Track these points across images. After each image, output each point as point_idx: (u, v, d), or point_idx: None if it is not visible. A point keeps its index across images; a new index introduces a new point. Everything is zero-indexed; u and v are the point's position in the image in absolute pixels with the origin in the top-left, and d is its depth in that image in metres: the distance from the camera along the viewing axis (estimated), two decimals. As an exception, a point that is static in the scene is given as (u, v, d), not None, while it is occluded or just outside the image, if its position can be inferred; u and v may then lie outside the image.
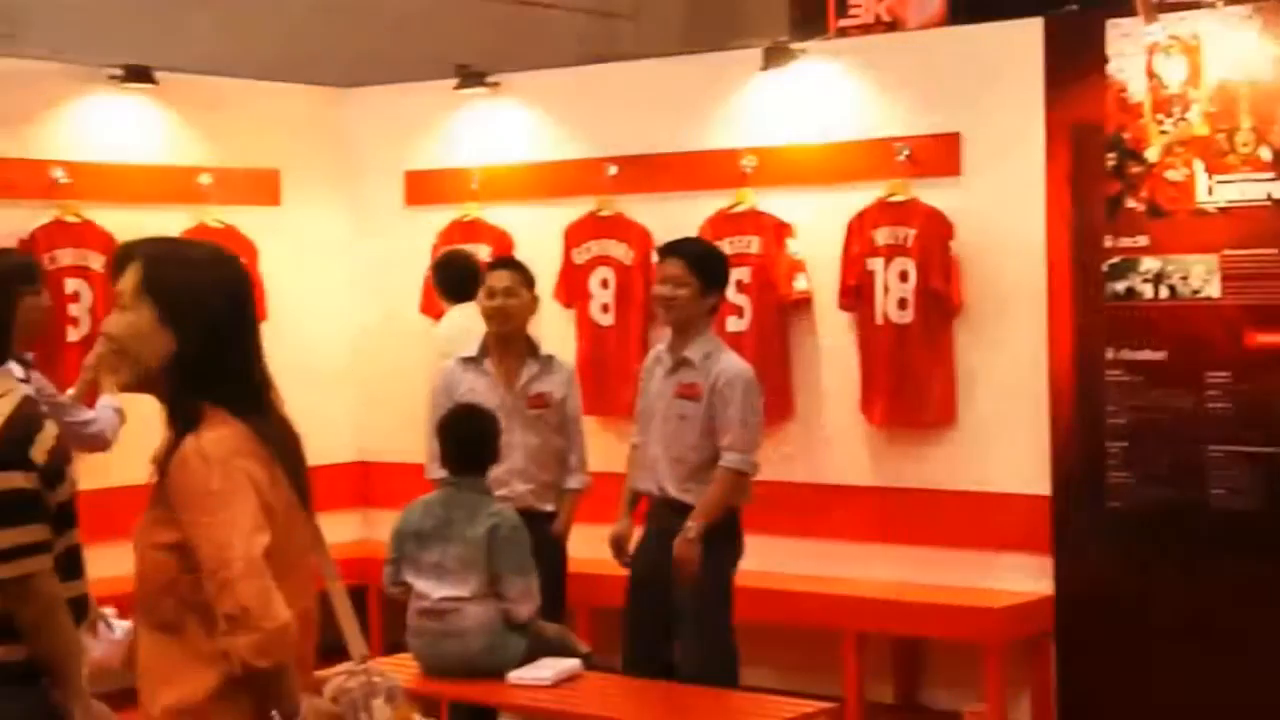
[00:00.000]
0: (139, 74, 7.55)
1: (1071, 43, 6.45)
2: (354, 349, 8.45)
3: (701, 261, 5.57)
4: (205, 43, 8.50)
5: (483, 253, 7.64)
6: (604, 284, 7.63)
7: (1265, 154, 5.99)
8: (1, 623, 3.19)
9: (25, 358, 5.13)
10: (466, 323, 6.39)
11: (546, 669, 5.09)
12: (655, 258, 6.31)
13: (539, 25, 9.89)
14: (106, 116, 7.57)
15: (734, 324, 7.16)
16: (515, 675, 5.08)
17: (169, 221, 7.56)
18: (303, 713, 2.87)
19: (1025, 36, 6.55)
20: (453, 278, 7.04)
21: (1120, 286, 6.32)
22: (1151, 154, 6.23)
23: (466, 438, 5.36)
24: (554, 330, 7.33)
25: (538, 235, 7.78)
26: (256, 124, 8.12)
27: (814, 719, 4.90)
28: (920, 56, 6.96)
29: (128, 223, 7.34)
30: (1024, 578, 6.60)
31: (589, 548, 6.00)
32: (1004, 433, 6.71)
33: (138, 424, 4.59)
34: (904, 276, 6.83)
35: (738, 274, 7.17)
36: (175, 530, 2.81)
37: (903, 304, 6.84)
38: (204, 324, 2.84)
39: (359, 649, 3.16)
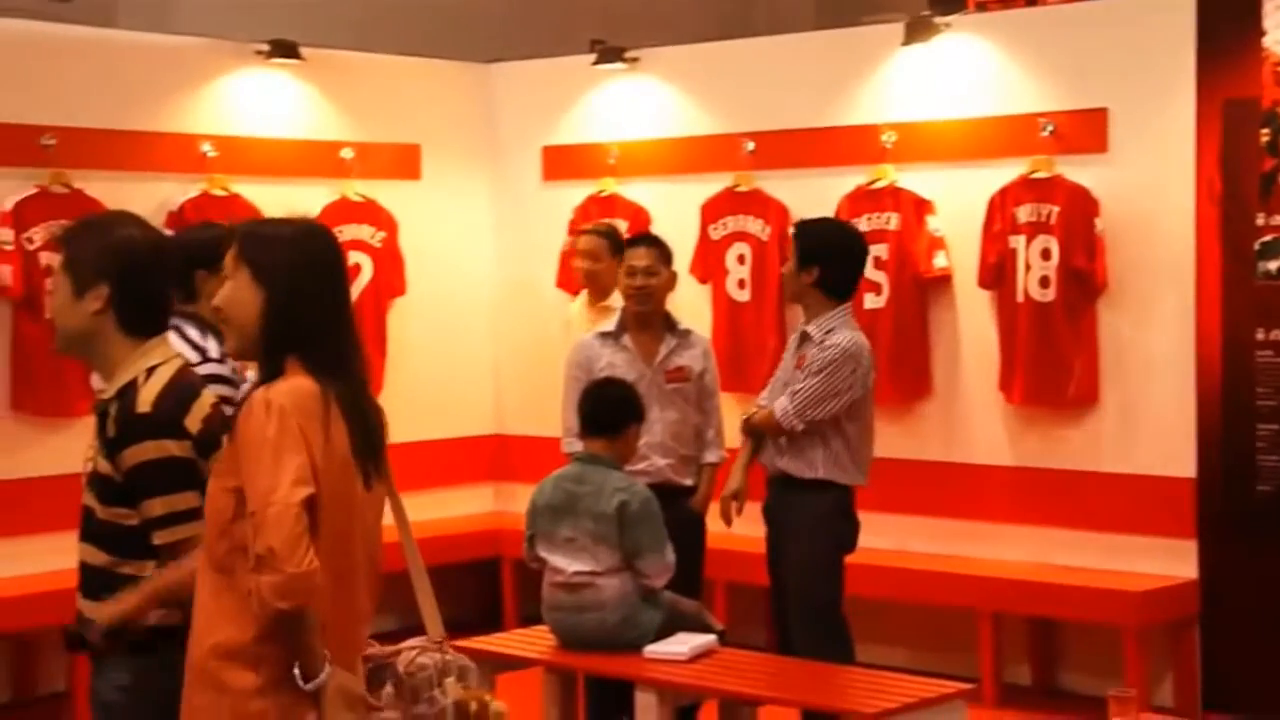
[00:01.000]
0: (285, 49, 7.66)
1: (1225, 15, 6.29)
2: (492, 323, 8.52)
3: (797, 238, 5.62)
4: (349, 18, 8.61)
5: (619, 228, 7.65)
6: (740, 260, 7.62)
7: None
8: (159, 587, 3.26)
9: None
10: None
11: (683, 644, 5.09)
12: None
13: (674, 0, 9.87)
14: (253, 91, 7.69)
15: (871, 301, 7.11)
16: (651, 649, 5.09)
17: (311, 195, 7.68)
18: (324, 678, 2.99)
19: (1177, 9, 6.41)
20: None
21: (1272, 265, 6.16)
22: (1308, 130, 6.06)
23: (606, 401, 5.38)
24: (690, 306, 7.32)
25: (674, 211, 7.77)
26: (398, 99, 8.21)
27: (952, 699, 4.85)
28: (1067, 30, 6.84)
29: (272, 196, 7.48)
30: (1167, 561, 6.48)
31: (719, 523, 5.99)
32: (1148, 414, 6.59)
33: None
34: (1046, 254, 6.73)
35: (876, 250, 7.12)
36: (237, 476, 2.99)
37: (1044, 282, 6.73)
38: (288, 280, 3.05)
39: (435, 629, 3.29)
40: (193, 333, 4.67)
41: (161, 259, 3.43)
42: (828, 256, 5.48)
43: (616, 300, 6.55)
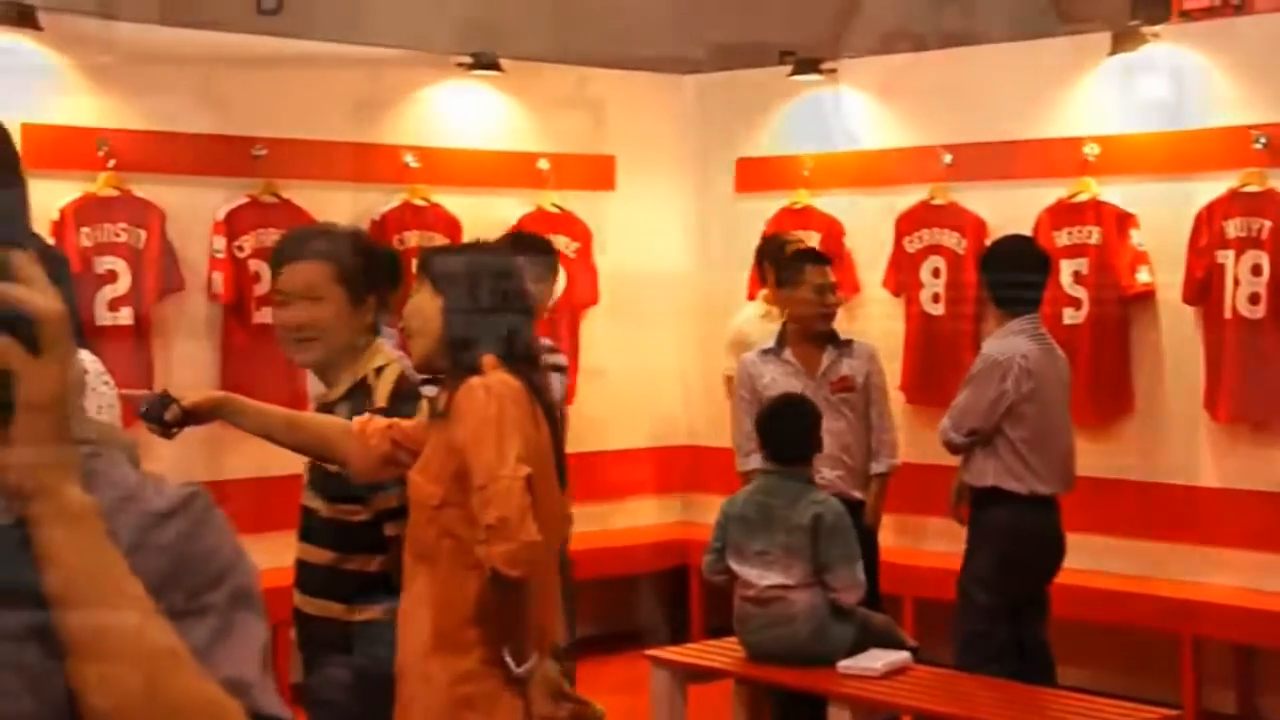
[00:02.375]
0: (485, 61, 7.78)
1: None
2: (684, 334, 8.54)
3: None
4: (543, 29, 8.72)
5: (811, 240, 7.61)
6: (935, 273, 7.52)
7: None
8: (382, 582, 3.32)
9: None
10: None
11: (876, 660, 5.05)
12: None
13: (867, 10, 9.79)
14: (453, 103, 7.83)
15: (1070, 316, 6.97)
16: (845, 665, 5.05)
17: (508, 205, 7.79)
18: (534, 663, 3.04)
19: (1399, 17, 6.18)
20: None
21: None
22: None
23: (790, 428, 5.34)
24: (883, 319, 7.27)
25: (869, 223, 7.72)
26: (594, 110, 8.28)
27: (1156, 726, 4.74)
28: (1280, 39, 6.63)
29: (471, 206, 7.61)
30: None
31: (909, 538, 5.92)
32: (1364, 436, 6.36)
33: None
34: (1257, 270, 6.53)
35: (1075, 265, 7.00)
36: (448, 462, 3.08)
37: (1254, 298, 6.54)
38: (466, 285, 3.19)
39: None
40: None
41: (372, 268, 3.52)
42: (989, 269, 5.59)
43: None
